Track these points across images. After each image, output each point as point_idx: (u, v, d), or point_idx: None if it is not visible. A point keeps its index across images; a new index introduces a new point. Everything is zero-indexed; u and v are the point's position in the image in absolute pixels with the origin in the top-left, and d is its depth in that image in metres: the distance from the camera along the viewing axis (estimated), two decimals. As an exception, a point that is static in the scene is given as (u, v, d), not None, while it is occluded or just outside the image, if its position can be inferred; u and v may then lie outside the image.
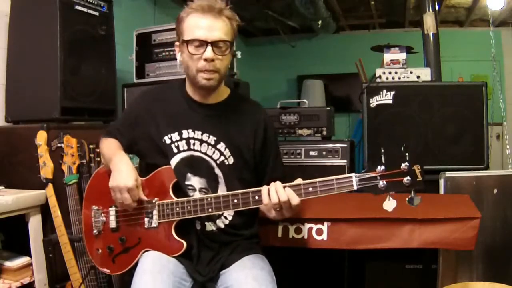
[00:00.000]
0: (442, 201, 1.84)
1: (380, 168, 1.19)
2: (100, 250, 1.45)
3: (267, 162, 1.47)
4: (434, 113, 2.37)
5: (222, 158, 1.41)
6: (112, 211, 1.43)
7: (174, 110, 1.45)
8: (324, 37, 6.03)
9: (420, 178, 1.17)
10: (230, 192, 1.30)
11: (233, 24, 1.37)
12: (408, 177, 1.17)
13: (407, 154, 1.18)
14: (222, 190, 1.40)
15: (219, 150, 1.41)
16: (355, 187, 1.20)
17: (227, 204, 1.29)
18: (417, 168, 1.17)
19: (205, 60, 1.32)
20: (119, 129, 1.51)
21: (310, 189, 1.23)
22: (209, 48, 1.31)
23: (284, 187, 1.25)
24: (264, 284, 1.28)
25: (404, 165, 1.17)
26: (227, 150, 1.41)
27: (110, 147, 1.47)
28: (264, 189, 1.27)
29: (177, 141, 1.42)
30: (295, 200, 1.24)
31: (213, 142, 1.41)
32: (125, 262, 1.40)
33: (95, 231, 1.45)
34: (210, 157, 1.41)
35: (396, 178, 1.18)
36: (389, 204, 1.21)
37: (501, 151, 4.10)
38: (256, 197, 1.27)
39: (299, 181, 1.26)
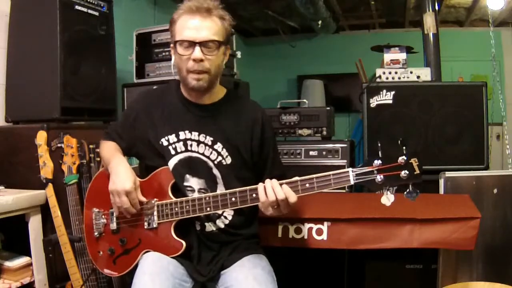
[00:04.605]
0: (442, 201, 1.84)
1: (377, 162, 1.16)
2: (101, 252, 1.45)
3: (266, 161, 1.47)
4: (434, 113, 2.37)
5: (220, 158, 1.40)
6: (113, 212, 1.42)
7: (171, 111, 1.45)
8: (324, 37, 6.02)
9: (418, 171, 1.14)
10: (228, 191, 1.30)
11: (225, 23, 1.35)
12: (406, 171, 1.14)
13: (404, 147, 1.15)
14: (221, 190, 1.39)
15: (216, 150, 1.40)
16: (352, 182, 1.19)
17: (225, 202, 1.29)
18: (414, 161, 1.14)
19: (194, 60, 1.31)
20: (118, 131, 1.51)
21: (307, 185, 1.23)
22: (197, 48, 1.30)
23: (281, 184, 1.24)
24: (265, 284, 1.28)
25: (401, 159, 1.15)
26: (224, 150, 1.40)
27: (108, 150, 1.47)
28: (260, 186, 1.26)
29: (174, 142, 1.41)
30: (293, 197, 1.23)
31: (210, 143, 1.41)
32: (126, 263, 1.40)
33: (96, 233, 1.45)
34: (208, 157, 1.41)
35: (393, 172, 1.15)
36: (387, 199, 1.18)
37: (501, 151, 4.10)
38: (254, 195, 1.27)
39: (296, 178, 1.25)
